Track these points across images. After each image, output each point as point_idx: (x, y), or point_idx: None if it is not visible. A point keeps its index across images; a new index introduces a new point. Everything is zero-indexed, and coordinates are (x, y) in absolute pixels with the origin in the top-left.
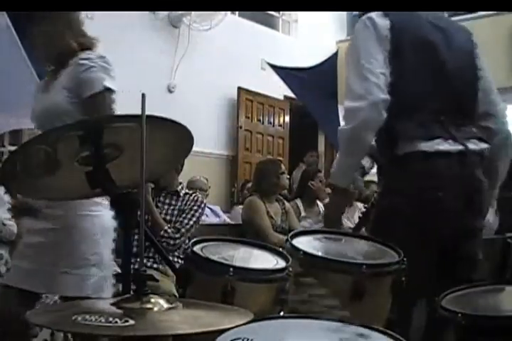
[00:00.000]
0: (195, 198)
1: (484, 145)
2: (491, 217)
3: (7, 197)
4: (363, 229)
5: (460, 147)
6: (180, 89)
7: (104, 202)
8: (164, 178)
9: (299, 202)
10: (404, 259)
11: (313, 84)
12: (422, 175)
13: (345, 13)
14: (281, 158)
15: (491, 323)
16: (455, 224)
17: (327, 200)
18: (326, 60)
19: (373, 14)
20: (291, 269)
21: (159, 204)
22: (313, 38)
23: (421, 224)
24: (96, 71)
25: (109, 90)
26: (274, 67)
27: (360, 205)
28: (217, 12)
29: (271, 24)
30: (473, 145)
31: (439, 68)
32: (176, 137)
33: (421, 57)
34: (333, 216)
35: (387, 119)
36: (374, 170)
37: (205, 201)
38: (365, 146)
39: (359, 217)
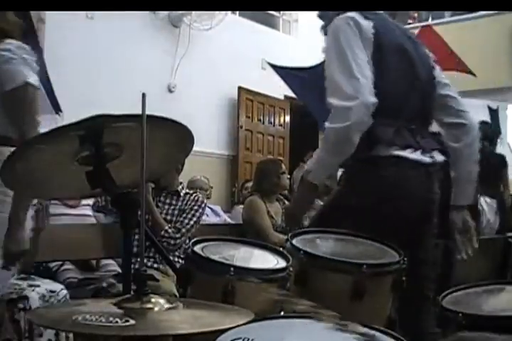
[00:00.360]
0: (196, 198)
1: (443, 158)
2: (492, 217)
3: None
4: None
5: (428, 159)
6: (180, 89)
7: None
8: (165, 178)
9: None
10: (405, 259)
11: (314, 84)
12: (391, 180)
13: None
14: (281, 158)
15: (491, 323)
16: (411, 230)
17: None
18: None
19: (355, 15)
20: (291, 269)
21: (160, 204)
22: (314, 37)
23: (381, 225)
24: (16, 63)
25: (31, 85)
26: (274, 66)
27: None
28: (218, 12)
29: (271, 24)
30: (439, 157)
31: (412, 76)
32: (176, 137)
33: (399, 63)
34: (299, 213)
35: None
36: None
37: (205, 201)
38: (352, 147)
39: None
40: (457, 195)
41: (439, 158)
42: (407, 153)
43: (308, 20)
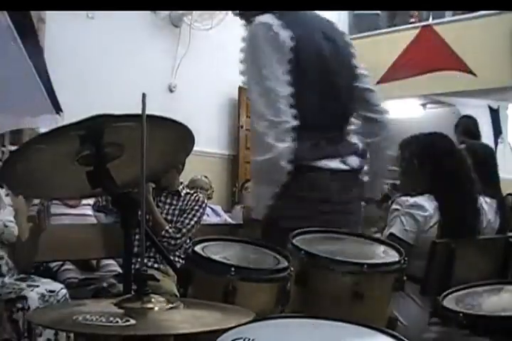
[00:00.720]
0: (196, 198)
1: (358, 163)
2: (492, 217)
3: (8, 200)
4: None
5: (344, 166)
6: (181, 89)
7: None
8: (165, 178)
9: None
10: (406, 259)
11: None
12: (313, 188)
13: (346, 12)
14: None
15: (492, 323)
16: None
17: None
18: None
19: (273, 22)
20: (292, 269)
21: (160, 204)
22: None
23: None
24: None
25: None
26: None
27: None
28: (218, 11)
29: None
30: (355, 163)
31: (331, 85)
32: (176, 137)
33: (317, 73)
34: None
35: None
36: None
37: (206, 201)
38: (285, 173)
39: None
40: (370, 189)
41: (355, 163)
42: (327, 163)
43: None
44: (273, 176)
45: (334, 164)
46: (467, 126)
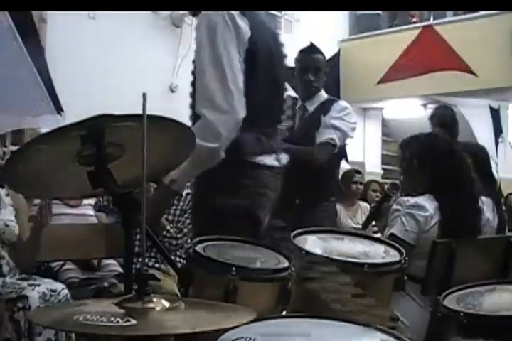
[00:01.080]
0: None
1: (287, 158)
2: (491, 216)
3: (8, 199)
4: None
5: (277, 163)
6: (182, 89)
7: None
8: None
9: None
10: (406, 258)
11: None
12: (249, 182)
13: (347, 12)
14: None
15: (492, 322)
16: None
17: None
18: (328, 60)
19: (233, 12)
20: (293, 268)
21: None
22: (316, 37)
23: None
24: None
25: None
26: None
27: (362, 204)
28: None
29: (273, 24)
30: (285, 160)
31: (273, 81)
32: (177, 137)
33: (265, 70)
34: (157, 216)
35: None
36: (377, 170)
37: None
38: (218, 161)
39: (370, 212)
40: None
41: (285, 160)
42: (264, 158)
43: (310, 21)
44: (209, 163)
45: (270, 160)
46: (443, 117)
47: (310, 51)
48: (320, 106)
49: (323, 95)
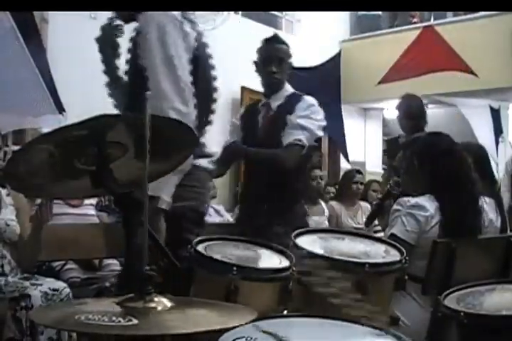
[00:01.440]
0: None
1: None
2: (493, 216)
3: (9, 199)
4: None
5: (211, 166)
6: None
7: None
8: None
9: None
10: (407, 258)
11: (317, 84)
12: (193, 183)
13: (348, 13)
14: None
15: (493, 322)
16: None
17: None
18: (329, 60)
19: (178, 15)
20: (294, 268)
21: None
22: (317, 37)
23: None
24: None
25: None
26: None
27: (362, 204)
28: (221, 12)
29: (274, 24)
30: (211, 164)
31: (207, 82)
32: (179, 136)
33: (205, 69)
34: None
35: None
36: (377, 169)
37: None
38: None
39: (373, 210)
40: None
41: (211, 164)
42: (202, 162)
43: (311, 21)
44: (186, 166)
45: (205, 163)
46: (409, 108)
47: (273, 41)
48: (284, 103)
49: (288, 89)
